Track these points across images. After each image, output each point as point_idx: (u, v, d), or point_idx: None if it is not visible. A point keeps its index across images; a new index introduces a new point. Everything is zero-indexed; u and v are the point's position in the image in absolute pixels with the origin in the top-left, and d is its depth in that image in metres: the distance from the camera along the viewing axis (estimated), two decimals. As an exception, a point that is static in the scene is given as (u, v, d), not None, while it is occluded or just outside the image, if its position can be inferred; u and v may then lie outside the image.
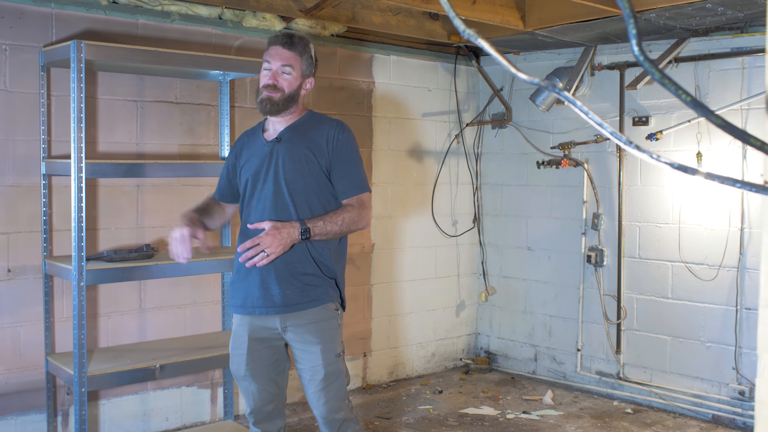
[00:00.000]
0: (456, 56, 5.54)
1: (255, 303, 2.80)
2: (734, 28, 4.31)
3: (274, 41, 2.81)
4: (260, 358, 2.84)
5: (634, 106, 4.79)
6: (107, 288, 4.01)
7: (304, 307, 2.77)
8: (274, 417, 2.90)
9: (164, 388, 4.25)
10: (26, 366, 3.79)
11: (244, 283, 2.82)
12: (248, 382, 2.86)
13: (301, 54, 2.80)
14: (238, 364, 2.87)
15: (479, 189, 5.75)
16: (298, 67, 2.79)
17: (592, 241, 5.07)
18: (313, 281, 2.78)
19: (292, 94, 2.78)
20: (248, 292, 2.80)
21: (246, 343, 2.83)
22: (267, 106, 2.77)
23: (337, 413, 2.80)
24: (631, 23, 0.85)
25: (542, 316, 5.40)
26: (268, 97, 2.76)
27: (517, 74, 0.94)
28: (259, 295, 2.78)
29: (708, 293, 4.50)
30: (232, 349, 2.90)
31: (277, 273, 2.76)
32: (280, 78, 2.77)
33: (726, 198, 4.40)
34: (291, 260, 2.75)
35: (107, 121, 4.01)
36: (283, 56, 2.78)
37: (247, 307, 2.82)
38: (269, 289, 2.76)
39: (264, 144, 2.84)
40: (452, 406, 4.79)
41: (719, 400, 4.46)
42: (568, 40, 4.81)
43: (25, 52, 3.74)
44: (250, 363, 2.83)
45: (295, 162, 2.77)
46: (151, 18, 4.11)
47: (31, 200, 3.78)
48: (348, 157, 2.80)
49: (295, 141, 2.80)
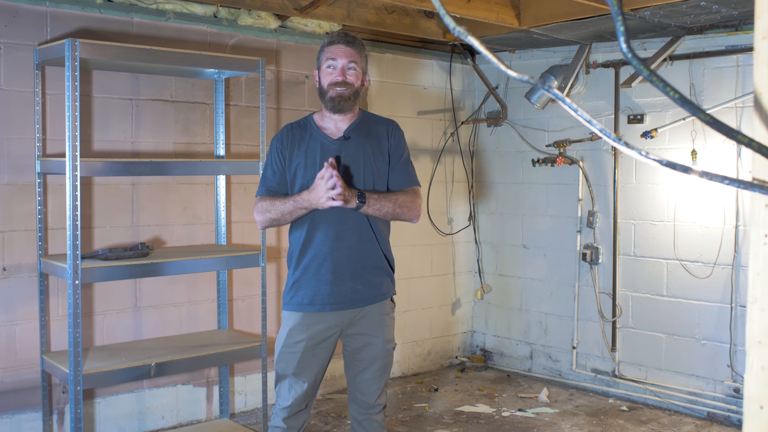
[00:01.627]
0: (451, 54, 5.54)
1: (326, 300, 2.80)
2: (729, 26, 4.31)
3: (336, 40, 2.85)
4: (314, 357, 2.84)
5: (629, 104, 4.80)
6: (102, 286, 4.01)
7: (374, 301, 2.85)
8: (304, 413, 2.91)
9: (160, 386, 4.25)
10: (21, 364, 3.79)
11: (312, 280, 2.80)
12: (293, 381, 2.84)
13: (361, 51, 2.87)
14: (288, 363, 2.83)
15: (474, 187, 5.75)
16: (360, 64, 2.85)
17: (587, 239, 5.08)
18: (380, 275, 2.86)
19: (358, 89, 2.84)
20: (318, 290, 2.80)
21: (304, 342, 2.81)
22: (339, 102, 2.79)
23: (380, 399, 2.93)
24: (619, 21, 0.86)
25: (538, 314, 5.41)
26: (339, 94, 2.79)
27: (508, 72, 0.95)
28: (331, 291, 2.79)
29: (703, 291, 4.51)
30: (283, 347, 2.84)
31: (349, 268, 2.80)
32: (347, 74, 2.81)
33: (721, 196, 4.41)
34: (362, 255, 2.81)
35: (102, 119, 4.01)
36: (347, 53, 2.82)
37: (317, 305, 2.80)
38: (342, 284, 2.79)
39: (330, 141, 2.83)
40: (448, 404, 4.80)
41: (714, 397, 4.47)
42: (563, 38, 4.81)
43: (19, 51, 3.74)
44: (302, 362, 2.82)
45: (366, 159, 2.82)
46: (146, 16, 4.10)
47: (26, 199, 3.78)
48: (403, 153, 2.91)
49: (362, 139, 2.84)
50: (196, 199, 4.34)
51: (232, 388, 4.49)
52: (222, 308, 4.35)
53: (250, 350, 3.98)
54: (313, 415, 4.53)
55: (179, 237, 4.28)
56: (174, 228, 4.26)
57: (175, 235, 4.27)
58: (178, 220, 4.28)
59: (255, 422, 4.35)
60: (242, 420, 4.41)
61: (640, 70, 0.88)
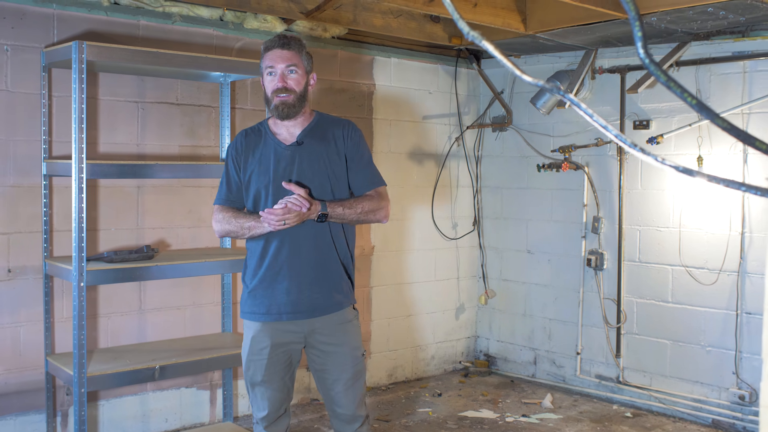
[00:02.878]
0: (457, 59, 5.54)
1: (282, 309, 2.77)
2: (735, 32, 4.31)
3: (271, 45, 2.77)
4: (278, 362, 2.81)
5: (634, 109, 4.79)
6: (107, 289, 4.01)
7: (332, 309, 2.80)
8: (283, 418, 2.90)
9: (163, 389, 4.24)
10: (26, 366, 3.79)
11: (269, 290, 2.77)
12: (265, 388, 2.82)
13: (300, 51, 2.80)
14: (255, 371, 2.82)
15: (479, 192, 5.75)
16: (301, 65, 2.79)
17: (592, 245, 5.06)
18: (338, 284, 2.82)
19: (302, 92, 2.77)
20: (274, 299, 2.77)
21: (268, 348, 2.78)
22: (284, 110, 2.74)
23: (360, 409, 2.87)
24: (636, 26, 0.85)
25: (542, 320, 5.40)
26: (282, 101, 2.73)
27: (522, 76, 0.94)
28: (287, 300, 2.76)
29: (708, 297, 4.50)
30: (249, 356, 2.83)
31: (305, 278, 2.76)
32: (288, 79, 2.75)
33: (727, 202, 4.40)
34: (319, 263, 2.77)
35: (108, 121, 4.01)
36: (284, 57, 2.75)
37: (273, 314, 2.77)
38: (299, 293, 2.76)
39: (283, 147, 2.79)
40: (451, 409, 4.79)
41: (719, 404, 4.45)
42: (569, 44, 4.81)
43: (26, 53, 3.74)
44: (269, 368, 2.80)
45: (320, 164, 2.78)
46: (153, 19, 4.11)
47: (32, 200, 3.78)
48: (362, 154, 2.86)
49: (316, 143, 2.79)
50: (201, 202, 4.34)
51: (236, 391, 4.49)
52: (226, 311, 4.34)
53: (254, 354, 3.97)
54: (315, 419, 4.52)
55: (184, 240, 4.28)
56: (179, 231, 4.26)
57: (180, 237, 4.26)
58: (183, 223, 4.27)
59: (258, 426, 4.34)
60: (246, 423, 4.40)
61: (657, 75, 0.87)
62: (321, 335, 2.80)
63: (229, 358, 3.91)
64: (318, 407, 4.73)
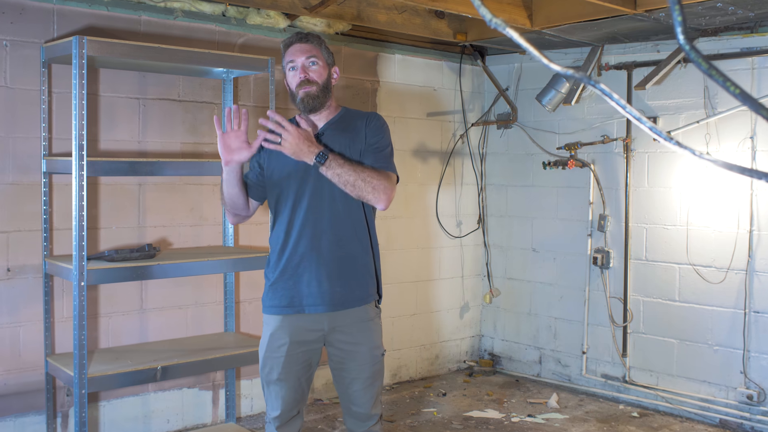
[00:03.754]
0: (461, 55, 5.49)
1: (304, 301, 2.71)
2: (744, 28, 4.25)
3: (290, 41, 2.74)
4: (296, 362, 2.75)
5: (641, 106, 4.74)
6: (108, 288, 3.95)
7: (354, 304, 2.74)
8: (296, 419, 2.84)
9: (165, 389, 4.19)
10: (25, 367, 3.74)
11: (290, 282, 2.72)
12: (279, 387, 2.76)
13: (320, 45, 2.76)
14: (272, 368, 2.75)
15: (484, 189, 5.69)
16: (322, 57, 2.74)
17: (598, 243, 5.01)
18: (361, 278, 2.76)
19: (325, 83, 2.73)
20: (296, 291, 2.72)
21: (286, 346, 2.72)
22: (309, 102, 2.69)
23: (375, 409, 2.83)
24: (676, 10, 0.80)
25: (547, 319, 5.35)
26: (306, 93, 2.68)
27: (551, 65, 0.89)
28: (308, 293, 2.70)
29: (716, 296, 4.44)
30: (266, 352, 2.76)
31: (327, 269, 2.70)
32: (310, 71, 2.70)
33: (735, 200, 4.35)
34: (341, 255, 2.72)
35: (109, 118, 3.96)
36: (304, 50, 2.71)
37: (295, 306, 2.72)
38: (320, 286, 2.70)
39: None
40: (456, 409, 4.74)
41: (727, 404, 4.40)
42: (575, 40, 4.76)
43: (25, 48, 3.69)
44: (287, 366, 2.74)
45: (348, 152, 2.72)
46: (154, 14, 4.05)
47: (32, 198, 3.73)
48: (379, 140, 2.75)
49: (337, 135, 2.75)
50: (203, 199, 4.28)
51: (239, 392, 4.44)
52: (229, 311, 4.29)
53: (257, 354, 3.91)
54: (319, 419, 4.47)
55: (186, 238, 4.22)
56: (180, 229, 4.21)
57: (182, 236, 4.21)
58: (185, 221, 4.22)
59: (261, 426, 4.29)
60: (248, 424, 4.35)
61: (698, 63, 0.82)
62: (341, 333, 2.75)
63: (233, 358, 3.86)
64: (322, 408, 4.68)
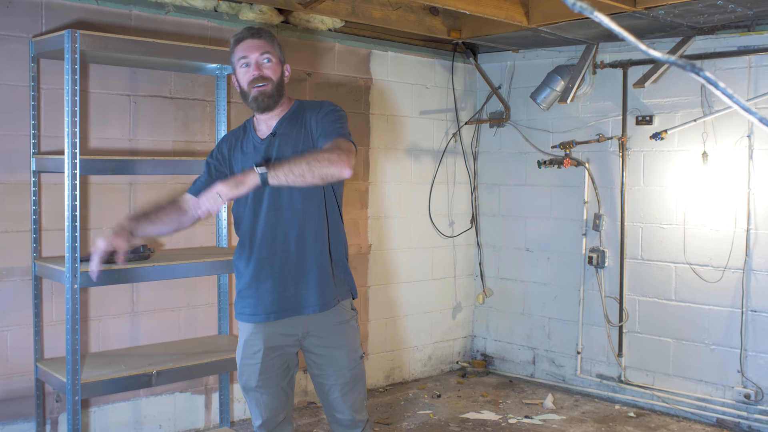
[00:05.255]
0: (453, 53, 5.43)
1: (269, 309, 2.62)
2: (741, 27, 4.24)
3: (242, 36, 2.62)
4: (273, 367, 2.68)
5: (637, 105, 4.72)
6: (98, 290, 3.84)
7: (323, 307, 2.63)
8: (284, 426, 2.77)
9: (157, 394, 4.08)
10: (14, 372, 3.61)
11: (258, 290, 2.63)
12: (260, 393, 2.69)
13: (272, 41, 2.65)
14: (249, 375, 2.68)
15: (476, 189, 5.64)
16: (275, 54, 2.64)
17: (593, 242, 4.98)
18: (326, 279, 2.63)
19: (279, 81, 2.63)
20: (260, 299, 2.63)
21: (261, 352, 2.64)
22: (263, 100, 2.58)
23: (360, 414, 2.74)
24: None
25: (541, 318, 5.31)
26: (260, 91, 2.57)
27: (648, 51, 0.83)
28: (272, 299, 2.61)
29: (713, 295, 4.43)
30: (242, 359, 2.69)
31: (291, 272, 2.61)
32: (264, 68, 2.59)
33: (732, 198, 4.33)
34: (305, 257, 2.61)
35: (99, 115, 3.84)
36: (257, 46, 2.60)
37: (260, 314, 2.63)
38: (283, 291, 2.61)
39: (259, 141, 2.65)
40: (452, 411, 4.68)
41: (724, 403, 4.39)
42: (571, 37, 4.72)
43: (13, 43, 3.56)
44: (263, 373, 2.66)
45: (294, 149, 2.59)
46: (145, 9, 3.94)
47: (20, 198, 3.60)
48: (331, 116, 2.60)
49: (289, 131, 2.63)
50: (196, 199, 4.18)
51: (232, 396, 4.34)
52: (222, 313, 4.19)
53: (253, 357, 3.83)
54: (312, 423, 4.39)
55: (177, 239, 4.12)
56: (172, 229, 4.09)
57: (174, 237, 4.09)
58: (177, 222, 4.11)
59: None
60: (242, 428, 4.25)
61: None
62: (316, 337, 2.66)
63: (227, 362, 3.77)
64: (315, 411, 4.59)
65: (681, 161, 4.55)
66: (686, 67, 0.83)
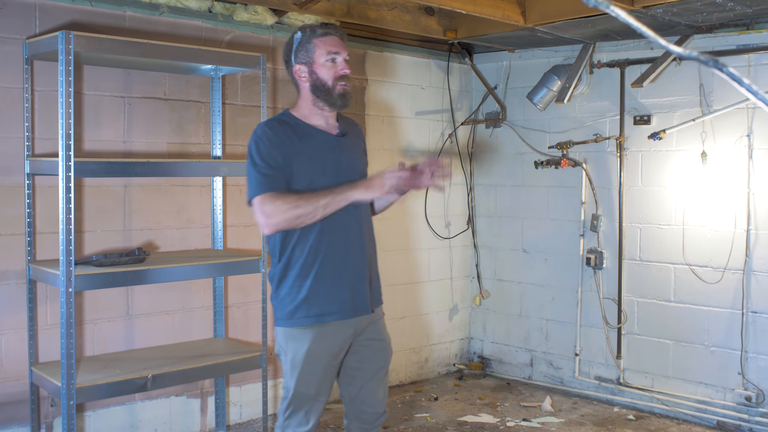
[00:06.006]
0: (449, 54, 5.40)
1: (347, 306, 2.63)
2: (740, 25, 4.22)
3: (328, 31, 2.63)
4: (331, 374, 2.68)
5: (634, 104, 4.69)
6: (93, 293, 3.79)
7: (379, 303, 2.80)
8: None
9: (152, 398, 4.04)
10: (8, 376, 3.57)
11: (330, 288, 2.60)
12: (314, 402, 2.64)
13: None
14: (309, 383, 2.61)
15: (473, 190, 5.61)
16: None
17: (590, 243, 4.95)
18: (379, 277, 2.82)
19: None
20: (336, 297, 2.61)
21: (324, 357, 2.62)
22: (348, 98, 2.66)
23: (384, 405, 2.84)
24: None
25: (538, 320, 5.28)
26: (345, 89, 2.64)
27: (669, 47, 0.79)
28: (350, 297, 2.63)
29: (712, 296, 4.40)
30: (304, 366, 2.59)
31: (364, 271, 2.69)
32: (348, 68, 2.68)
33: (731, 199, 4.31)
34: (369, 257, 2.73)
35: (93, 117, 3.80)
36: (343, 46, 2.67)
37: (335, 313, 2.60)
38: (359, 288, 2.66)
39: (331, 138, 2.67)
40: (450, 414, 4.64)
41: (724, 405, 4.37)
42: (568, 37, 4.69)
43: (6, 44, 3.53)
44: (324, 379, 2.64)
45: (358, 156, 2.79)
46: (139, 10, 3.91)
47: (14, 201, 3.56)
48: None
49: (351, 136, 2.78)
50: (191, 201, 4.14)
51: (228, 399, 4.30)
52: (218, 316, 4.15)
53: (250, 360, 3.80)
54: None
55: (173, 241, 4.08)
56: (168, 232, 4.06)
57: (169, 239, 4.07)
58: (172, 224, 4.08)
59: (252, 435, 4.17)
60: (239, 433, 4.22)
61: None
62: (368, 332, 2.75)
63: (224, 365, 3.73)
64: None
65: (680, 161, 4.53)
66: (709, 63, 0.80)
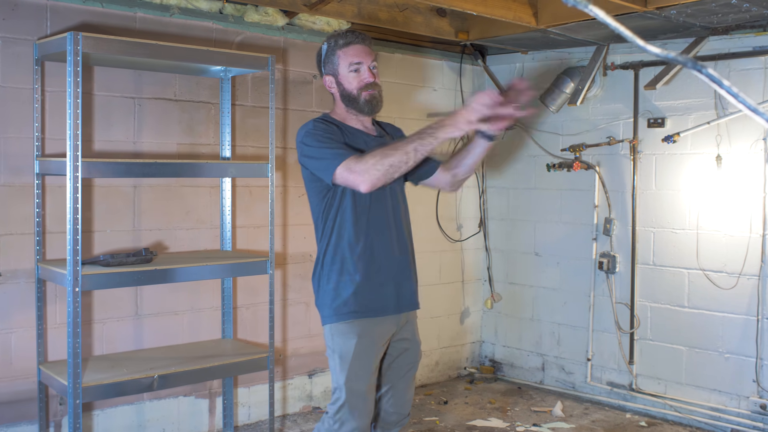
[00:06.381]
0: (462, 55, 5.37)
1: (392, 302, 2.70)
2: (756, 26, 4.16)
3: (352, 40, 2.74)
4: (376, 369, 2.70)
5: (648, 107, 4.64)
6: (102, 293, 3.81)
7: (418, 304, 2.84)
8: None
9: (161, 398, 4.05)
10: (17, 375, 3.59)
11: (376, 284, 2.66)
12: (365, 398, 2.65)
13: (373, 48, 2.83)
14: (360, 378, 2.62)
15: (485, 192, 5.58)
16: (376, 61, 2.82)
17: (603, 247, 4.90)
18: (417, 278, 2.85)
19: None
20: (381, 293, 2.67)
21: (373, 354, 2.66)
22: (377, 104, 2.73)
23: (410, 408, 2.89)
24: None
25: (550, 324, 5.23)
26: (372, 96, 2.71)
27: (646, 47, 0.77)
28: (395, 293, 2.70)
29: (727, 302, 4.34)
30: (354, 360, 2.61)
31: (407, 269, 2.75)
32: (374, 75, 2.75)
33: (747, 203, 4.25)
34: (412, 256, 2.79)
35: (103, 118, 3.82)
36: (369, 53, 2.75)
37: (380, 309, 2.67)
38: (403, 285, 2.73)
39: (372, 138, 2.76)
40: (459, 418, 4.61)
41: (738, 413, 4.30)
42: (581, 39, 4.65)
43: (18, 45, 3.55)
44: (372, 377, 2.67)
45: None
46: (150, 11, 3.92)
47: (24, 201, 3.59)
48: None
49: (389, 138, 2.85)
50: (200, 202, 4.15)
51: (236, 400, 4.30)
52: (227, 317, 4.16)
53: (257, 361, 3.80)
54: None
55: (182, 242, 4.09)
56: (177, 233, 4.07)
57: (178, 240, 4.08)
58: (182, 225, 4.09)
59: (260, 436, 4.17)
60: (246, 434, 4.22)
61: None
62: (403, 331, 2.78)
63: (232, 366, 3.73)
64: (320, 415, 4.54)
65: (694, 164, 4.47)
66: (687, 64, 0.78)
